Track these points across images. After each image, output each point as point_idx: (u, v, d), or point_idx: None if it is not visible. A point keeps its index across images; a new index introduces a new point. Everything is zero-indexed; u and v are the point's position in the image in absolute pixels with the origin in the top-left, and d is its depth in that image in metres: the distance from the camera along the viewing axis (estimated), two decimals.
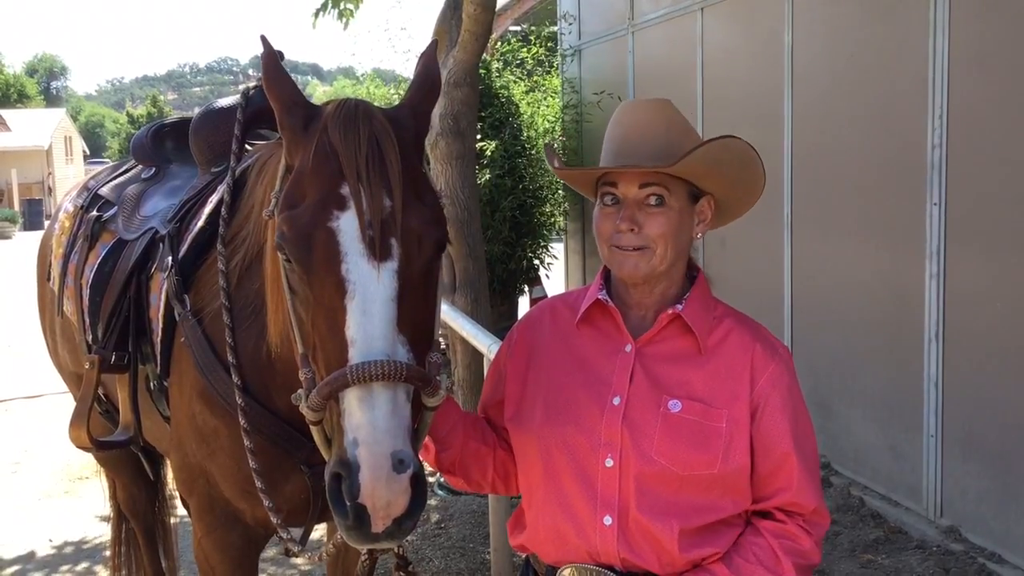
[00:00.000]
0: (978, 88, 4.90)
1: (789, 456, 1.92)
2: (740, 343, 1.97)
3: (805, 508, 1.93)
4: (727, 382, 1.93)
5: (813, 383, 6.43)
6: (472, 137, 6.54)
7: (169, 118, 3.69)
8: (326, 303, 1.79)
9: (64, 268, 3.48)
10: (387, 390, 1.67)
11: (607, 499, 1.90)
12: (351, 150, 1.82)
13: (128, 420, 2.98)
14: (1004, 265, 4.76)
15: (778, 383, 1.95)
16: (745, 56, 7.19)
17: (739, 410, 1.91)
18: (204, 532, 2.68)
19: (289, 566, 5.13)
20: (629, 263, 1.93)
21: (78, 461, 6.66)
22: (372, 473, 1.62)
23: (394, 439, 1.65)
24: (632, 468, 1.89)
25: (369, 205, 1.79)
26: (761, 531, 1.93)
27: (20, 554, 5.50)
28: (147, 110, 76.99)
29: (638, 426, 1.90)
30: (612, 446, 1.91)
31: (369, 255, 1.77)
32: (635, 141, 1.94)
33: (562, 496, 1.95)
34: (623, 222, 1.92)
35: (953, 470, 5.16)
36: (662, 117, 1.97)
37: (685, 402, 1.91)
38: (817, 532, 1.94)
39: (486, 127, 9.76)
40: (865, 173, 5.78)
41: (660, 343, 1.98)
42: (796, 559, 1.90)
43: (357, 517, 1.64)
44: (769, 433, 1.92)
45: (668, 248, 1.93)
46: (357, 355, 1.70)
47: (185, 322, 2.56)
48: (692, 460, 1.87)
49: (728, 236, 7.48)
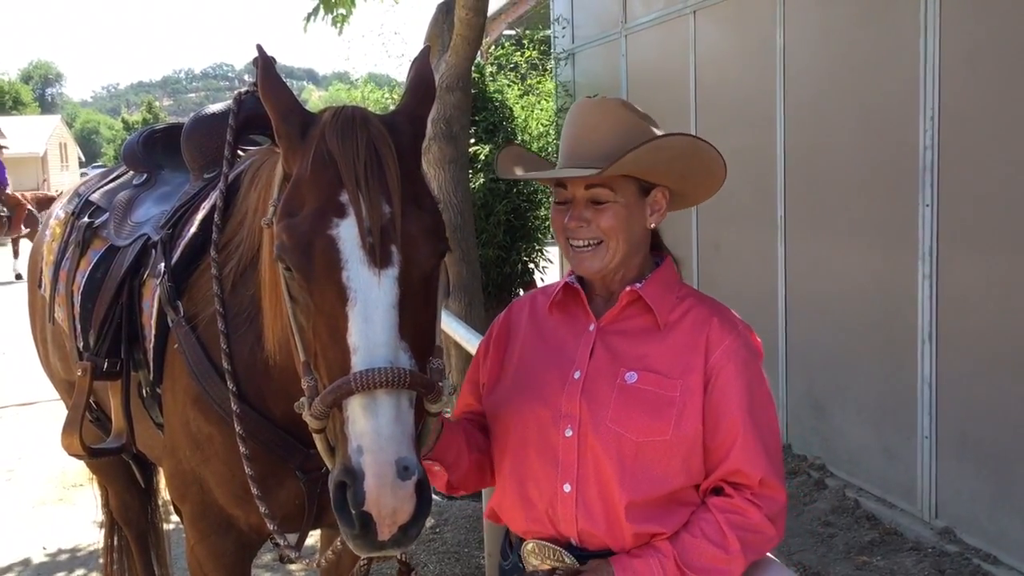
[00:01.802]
0: (970, 89, 4.91)
1: (737, 425, 1.96)
2: (698, 318, 2.04)
3: (751, 478, 1.96)
4: (683, 355, 2.01)
5: (807, 385, 6.44)
6: (465, 141, 6.55)
7: (160, 124, 3.68)
8: (327, 311, 1.78)
9: (55, 275, 3.47)
10: (390, 397, 1.68)
11: (567, 467, 2.00)
12: (349, 157, 1.82)
13: (121, 427, 2.97)
14: (997, 266, 4.77)
15: (733, 357, 1.99)
16: (738, 58, 7.20)
17: (693, 380, 1.98)
18: (197, 539, 2.67)
19: (284, 572, 5.12)
20: (585, 261, 2.04)
21: (72, 468, 6.64)
22: (377, 481, 1.62)
23: (398, 446, 1.65)
24: (589, 437, 1.98)
25: (368, 212, 1.79)
26: (709, 507, 1.98)
27: (14, 561, 5.48)
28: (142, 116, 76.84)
29: (595, 397, 2.00)
30: (571, 417, 2.00)
31: (369, 262, 1.77)
32: (584, 142, 2.04)
33: (528, 465, 2.05)
34: (572, 220, 2.02)
35: (948, 471, 5.17)
36: (611, 118, 2.05)
37: (641, 373, 2.00)
38: (768, 506, 1.96)
39: (480, 131, 9.77)
40: (857, 175, 5.79)
41: (622, 321, 2.07)
42: (743, 532, 1.94)
43: (363, 525, 1.64)
44: (720, 403, 1.97)
45: (620, 241, 2.01)
46: (360, 362, 1.70)
47: (179, 328, 2.55)
48: (645, 427, 1.95)
49: (722, 239, 7.50)
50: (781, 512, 1.99)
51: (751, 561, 1.96)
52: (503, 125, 10.18)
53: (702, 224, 7.75)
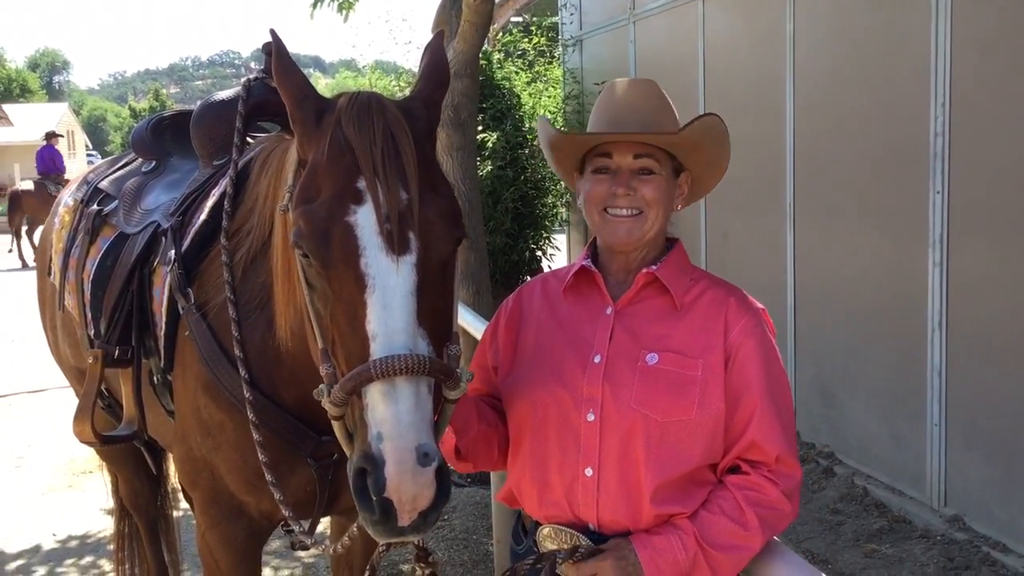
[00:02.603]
0: (981, 75, 4.88)
1: (755, 401, 1.99)
2: (714, 299, 2.07)
3: (768, 454, 1.98)
4: (702, 335, 2.03)
5: (816, 372, 6.43)
6: (472, 128, 6.54)
7: (168, 111, 3.67)
8: (345, 298, 1.78)
9: (65, 262, 3.47)
10: (410, 384, 1.68)
11: (588, 451, 2.01)
12: (366, 143, 1.82)
13: (132, 414, 2.97)
14: (1008, 253, 4.75)
15: (751, 334, 2.02)
16: (747, 45, 7.17)
17: (714, 359, 2.00)
18: (208, 525, 2.68)
19: (292, 559, 5.13)
20: (622, 229, 2.05)
21: (81, 455, 6.66)
22: (398, 467, 1.63)
23: (418, 433, 1.66)
24: (612, 421, 1.99)
25: (386, 198, 1.79)
26: (727, 485, 2.00)
27: (24, 548, 5.51)
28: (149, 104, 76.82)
29: (618, 380, 2.01)
30: (593, 401, 2.01)
31: (388, 249, 1.77)
32: (629, 113, 2.06)
33: (547, 449, 2.06)
34: (619, 187, 2.03)
35: (957, 459, 5.16)
36: (652, 94, 2.11)
37: (662, 354, 2.01)
38: (785, 483, 1.98)
39: (487, 118, 9.76)
40: (867, 162, 5.77)
41: (639, 303, 2.09)
42: (760, 509, 1.95)
43: (383, 511, 1.65)
44: (739, 380, 2.00)
45: (659, 213, 2.05)
46: (379, 349, 1.71)
47: (189, 315, 2.55)
48: (669, 406, 1.96)
49: (730, 227, 7.48)
50: (796, 488, 2.02)
51: (768, 538, 1.96)
52: (511, 112, 10.17)
53: (710, 212, 7.73)
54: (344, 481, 2.53)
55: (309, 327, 1.94)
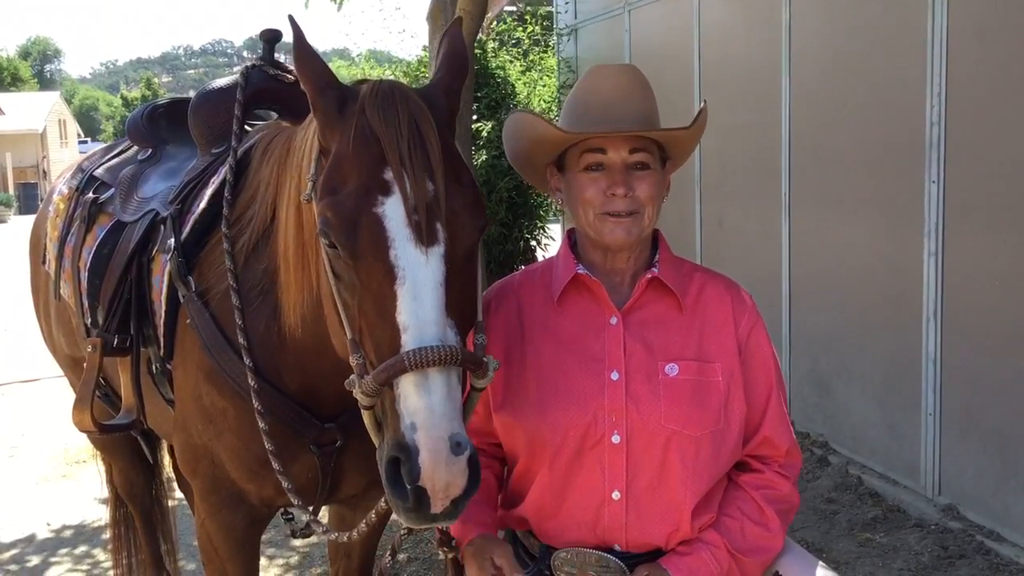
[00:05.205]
0: (978, 65, 4.88)
1: (767, 396, 1.98)
2: (716, 295, 2.03)
3: (779, 448, 1.98)
4: (714, 335, 1.99)
5: (811, 362, 6.44)
6: (467, 117, 6.52)
7: (163, 99, 3.66)
8: (375, 289, 1.79)
9: (60, 251, 3.45)
10: (442, 374, 1.69)
11: (615, 474, 1.93)
12: (392, 134, 1.82)
13: (131, 403, 2.96)
14: (1003, 243, 4.76)
15: (755, 326, 2.01)
16: (743, 34, 7.16)
17: (731, 360, 1.97)
18: (208, 513, 2.67)
19: (288, 548, 5.14)
20: (621, 230, 1.94)
21: (76, 445, 6.66)
22: (432, 456, 1.64)
23: (451, 423, 1.68)
24: (641, 441, 1.91)
25: (413, 190, 1.79)
26: (741, 485, 1.98)
27: (19, 538, 5.51)
28: (141, 93, 76.61)
29: (640, 397, 1.93)
30: (618, 422, 1.93)
31: (416, 240, 1.77)
32: (620, 105, 1.95)
33: (568, 476, 1.97)
34: (618, 187, 1.93)
35: (951, 448, 5.17)
36: (640, 83, 2.01)
37: (680, 363, 1.95)
38: (792, 474, 2.00)
39: (482, 108, 9.74)
40: (863, 151, 5.77)
41: (642, 308, 2.02)
42: (778, 505, 1.96)
43: (417, 499, 1.67)
44: (751, 375, 1.98)
45: (653, 210, 1.97)
46: (411, 341, 1.71)
47: (191, 303, 2.54)
48: (699, 419, 1.91)
49: (725, 216, 7.48)
50: (798, 475, 2.03)
51: (785, 532, 1.97)
52: (505, 101, 10.15)
53: (705, 201, 7.73)
54: (346, 468, 2.55)
55: (334, 316, 1.93)
